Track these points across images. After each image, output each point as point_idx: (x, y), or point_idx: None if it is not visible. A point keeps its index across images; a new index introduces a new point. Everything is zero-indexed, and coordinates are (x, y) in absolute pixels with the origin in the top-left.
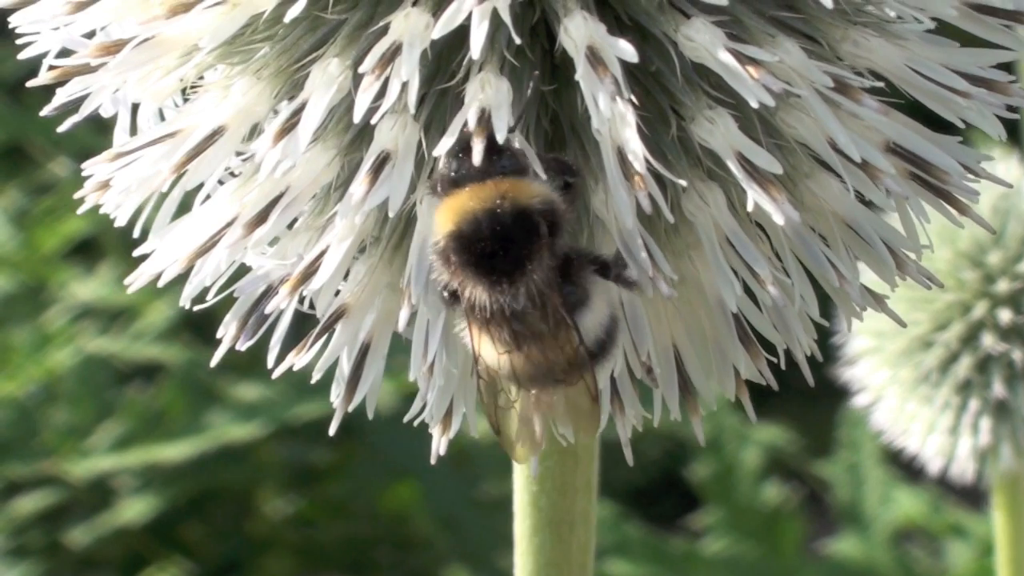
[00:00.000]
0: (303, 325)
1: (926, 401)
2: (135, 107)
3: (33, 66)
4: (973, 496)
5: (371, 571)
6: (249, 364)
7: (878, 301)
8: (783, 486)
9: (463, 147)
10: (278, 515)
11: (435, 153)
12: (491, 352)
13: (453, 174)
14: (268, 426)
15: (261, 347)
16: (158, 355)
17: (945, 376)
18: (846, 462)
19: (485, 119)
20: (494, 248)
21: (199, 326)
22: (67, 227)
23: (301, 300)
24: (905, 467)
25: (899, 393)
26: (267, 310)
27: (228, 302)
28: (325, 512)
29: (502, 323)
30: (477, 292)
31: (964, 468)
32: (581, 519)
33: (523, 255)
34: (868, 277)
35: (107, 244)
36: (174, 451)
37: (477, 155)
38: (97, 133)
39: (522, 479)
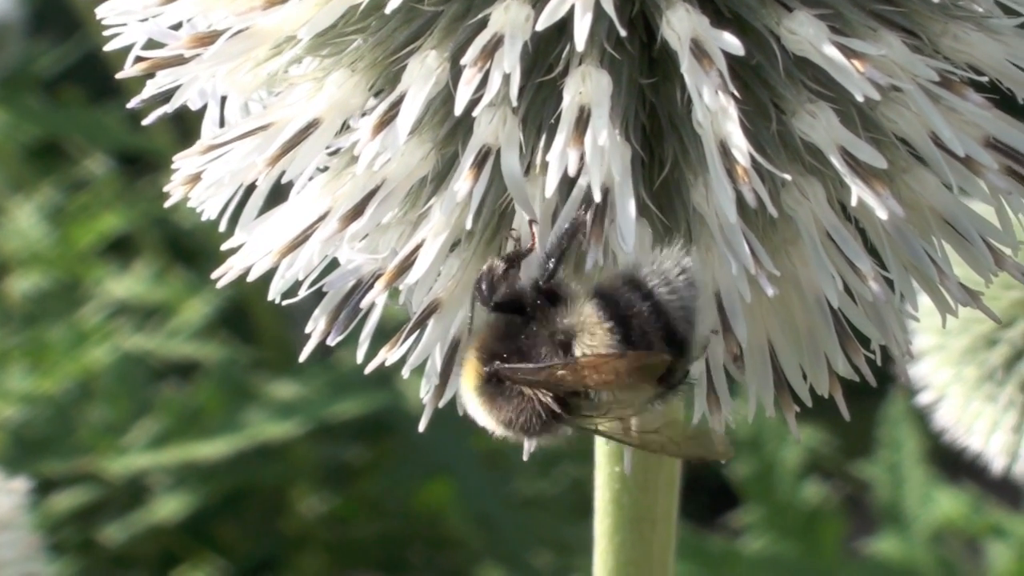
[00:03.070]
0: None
1: (990, 399)
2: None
3: (69, 64)
4: (1013, 495)
5: (405, 569)
6: (283, 362)
7: (973, 297)
8: (823, 485)
9: None
10: (312, 513)
11: None
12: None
13: None
14: (305, 424)
15: (295, 345)
16: (194, 353)
17: (1010, 374)
18: (886, 462)
19: (584, 117)
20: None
21: (235, 324)
22: (102, 224)
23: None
24: (944, 466)
25: (963, 391)
26: (363, 304)
27: (261, 297)
28: (359, 510)
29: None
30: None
31: None
32: (663, 517)
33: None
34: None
35: (142, 241)
36: (210, 449)
37: None
38: (134, 130)
39: (604, 476)
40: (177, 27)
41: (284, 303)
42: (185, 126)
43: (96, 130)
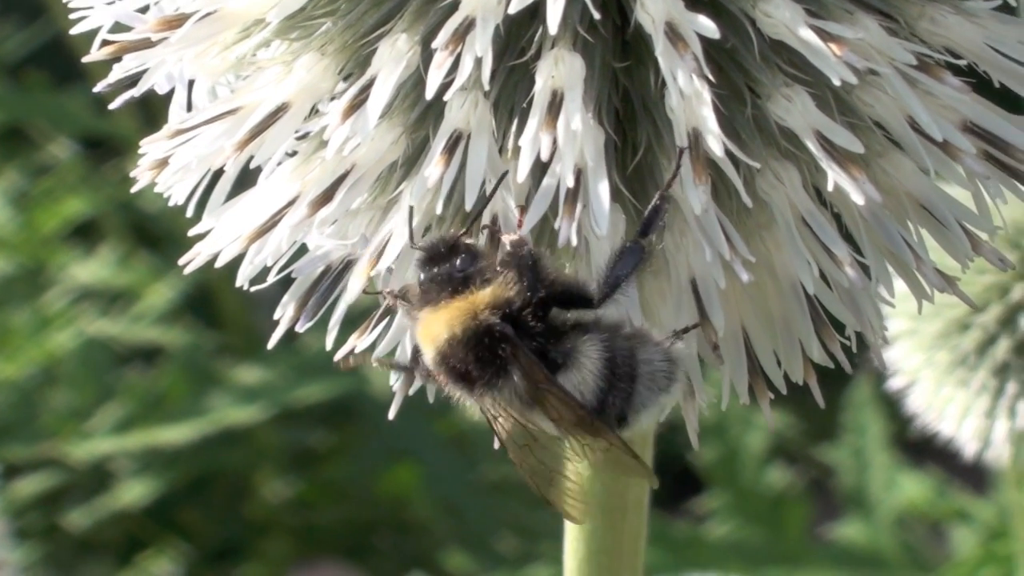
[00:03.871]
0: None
1: (962, 384)
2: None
3: (34, 48)
4: (977, 479)
5: (369, 555)
6: (248, 347)
7: (949, 283)
8: (788, 470)
9: (432, 255)
10: (277, 498)
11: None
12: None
13: (421, 289)
14: (269, 409)
15: (260, 330)
16: (158, 338)
17: (982, 359)
18: (851, 446)
19: (557, 101)
20: (467, 370)
21: (199, 309)
22: (66, 208)
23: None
24: (909, 451)
25: (935, 376)
26: (337, 291)
27: (227, 283)
28: (324, 495)
29: (507, 413)
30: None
31: (1000, 452)
32: (634, 506)
33: (494, 367)
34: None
35: (107, 226)
36: (175, 434)
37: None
38: (98, 114)
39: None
40: (144, 10)
41: (250, 288)
42: (150, 111)
43: (60, 114)
